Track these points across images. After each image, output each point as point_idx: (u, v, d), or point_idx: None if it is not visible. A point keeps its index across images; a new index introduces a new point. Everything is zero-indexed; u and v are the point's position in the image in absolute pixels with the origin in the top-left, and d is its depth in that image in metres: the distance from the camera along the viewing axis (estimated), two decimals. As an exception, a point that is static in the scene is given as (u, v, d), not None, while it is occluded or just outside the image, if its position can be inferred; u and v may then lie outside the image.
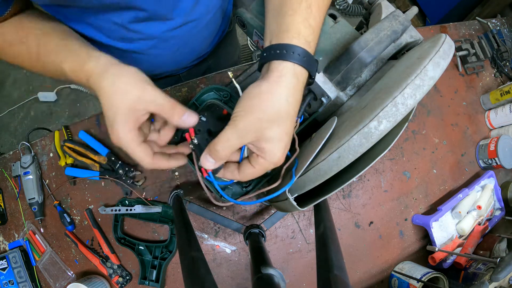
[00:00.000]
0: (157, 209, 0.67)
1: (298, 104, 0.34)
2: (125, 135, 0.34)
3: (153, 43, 0.60)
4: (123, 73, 0.34)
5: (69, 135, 0.70)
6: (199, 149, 0.39)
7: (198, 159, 0.38)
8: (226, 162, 0.37)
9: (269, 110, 0.32)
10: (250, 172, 0.35)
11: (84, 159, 0.67)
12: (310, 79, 0.35)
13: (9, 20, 0.43)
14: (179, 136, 0.47)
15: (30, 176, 0.68)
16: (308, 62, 0.33)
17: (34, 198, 0.68)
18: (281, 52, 0.32)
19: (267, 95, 0.32)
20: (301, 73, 0.33)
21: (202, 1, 0.57)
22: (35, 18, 0.44)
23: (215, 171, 0.37)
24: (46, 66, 0.40)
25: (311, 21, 0.35)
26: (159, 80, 0.82)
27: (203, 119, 0.42)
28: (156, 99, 0.34)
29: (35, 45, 0.40)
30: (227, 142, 0.33)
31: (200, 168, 0.38)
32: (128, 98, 0.33)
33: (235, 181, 0.41)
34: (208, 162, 0.35)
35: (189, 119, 0.36)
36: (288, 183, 0.36)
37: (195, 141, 0.39)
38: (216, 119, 0.43)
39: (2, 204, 0.72)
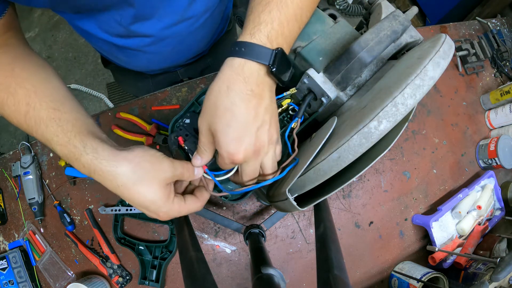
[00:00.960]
0: None
1: (247, 95, 0.34)
2: (174, 208, 0.36)
3: (150, 41, 0.60)
4: (136, 164, 0.33)
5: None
6: (191, 152, 0.42)
7: None
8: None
9: (209, 103, 0.35)
10: (220, 162, 0.37)
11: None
12: (273, 68, 0.35)
13: (1, 56, 0.39)
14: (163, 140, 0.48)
15: (30, 176, 0.68)
16: (252, 53, 0.34)
17: (34, 198, 0.68)
18: (230, 49, 0.35)
19: (209, 91, 0.35)
20: (240, 64, 0.34)
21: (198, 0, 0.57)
22: (30, 67, 0.39)
23: (210, 167, 0.41)
24: (33, 133, 0.37)
25: (266, 15, 0.35)
26: (157, 76, 0.82)
27: (187, 121, 0.44)
28: (176, 171, 0.36)
29: (24, 103, 0.36)
30: (200, 141, 0.37)
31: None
32: (156, 183, 0.34)
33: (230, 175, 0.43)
34: (196, 160, 0.39)
35: (199, 172, 0.39)
36: (277, 176, 0.38)
37: (186, 147, 0.43)
38: None
39: (2, 204, 0.72)
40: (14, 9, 0.43)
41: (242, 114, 0.34)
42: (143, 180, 0.33)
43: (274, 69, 0.34)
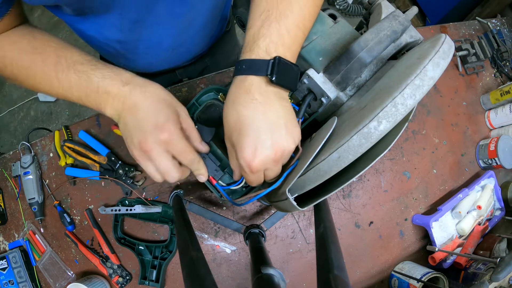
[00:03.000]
0: (157, 209, 0.67)
1: (251, 103, 0.35)
2: (157, 146, 0.36)
3: (148, 44, 0.60)
4: (165, 93, 0.39)
5: (69, 135, 0.70)
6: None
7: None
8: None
9: (225, 123, 0.37)
10: (243, 174, 0.39)
11: (84, 159, 0.68)
12: (272, 77, 0.35)
13: (18, 32, 0.41)
14: None
15: (30, 176, 0.68)
16: (251, 67, 0.36)
17: (34, 198, 0.68)
18: (237, 68, 0.37)
19: (223, 112, 0.38)
20: (241, 80, 0.36)
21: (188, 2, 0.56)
22: (44, 33, 0.42)
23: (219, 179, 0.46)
24: (65, 77, 0.38)
25: (265, 30, 0.36)
26: (155, 77, 0.82)
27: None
28: (190, 120, 0.40)
29: (54, 56, 0.39)
30: (230, 162, 0.41)
31: (208, 177, 0.45)
32: (167, 111, 0.37)
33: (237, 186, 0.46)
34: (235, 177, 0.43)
35: (204, 147, 0.43)
36: (281, 178, 0.39)
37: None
38: (215, 120, 0.44)
39: (2, 204, 0.72)
40: (21, 8, 0.43)
41: (251, 122, 0.35)
42: (158, 104, 0.37)
43: (274, 78, 0.35)
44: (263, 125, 0.35)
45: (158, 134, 0.35)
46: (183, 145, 0.37)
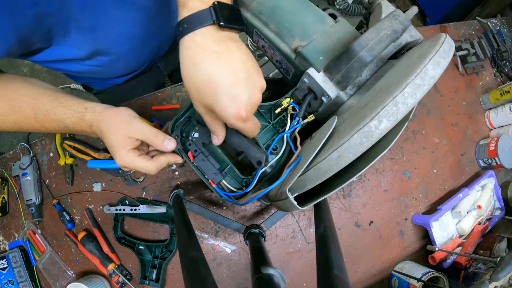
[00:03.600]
0: (162, 209, 0.67)
1: (214, 58, 0.34)
2: (125, 157, 0.42)
3: (115, 46, 0.60)
4: (115, 114, 0.43)
5: (71, 135, 0.70)
6: (202, 168, 0.45)
7: (202, 174, 0.45)
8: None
9: (191, 89, 0.35)
10: (237, 128, 0.38)
11: (84, 156, 0.68)
12: (221, 22, 0.34)
13: None
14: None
15: (28, 178, 0.68)
16: (194, 22, 0.34)
17: (32, 199, 0.68)
18: (176, 35, 0.36)
19: (183, 79, 0.36)
20: (190, 39, 0.34)
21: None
22: (17, 85, 0.46)
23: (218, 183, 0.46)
24: (45, 125, 0.45)
25: None
26: (142, 79, 0.81)
27: (196, 135, 0.45)
28: (142, 131, 0.42)
29: (30, 110, 0.44)
30: (206, 122, 0.39)
31: (208, 180, 0.45)
32: (120, 133, 0.42)
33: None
34: (214, 139, 0.42)
35: (169, 145, 0.43)
36: (282, 176, 0.38)
37: (195, 164, 0.45)
38: None
39: (5, 196, 0.71)
40: None
41: (221, 76, 0.33)
42: (112, 128, 0.42)
43: (223, 22, 0.34)
44: (234, 75, 0.34)
45: (118, 162, 0.43)
46: (132, 165, 0.43)
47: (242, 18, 0.37)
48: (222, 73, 0.33)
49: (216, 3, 0.34)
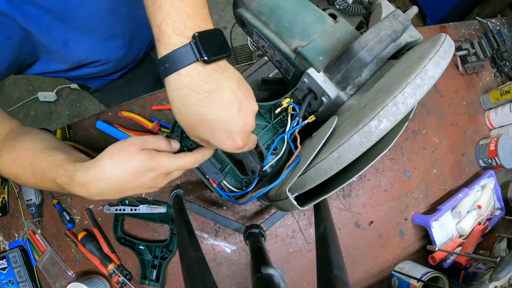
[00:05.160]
0: (162, 209, 0.67)
1: (205, 99, 0.32)
2: (159, 161, 0.38)
3: (95, 32, 0.60)
4: (111, 152, 0.37)
5: (71, 135, 0.70)
6: (202, 168, 0.46)
7: (203, 173, 0.46)
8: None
9: (185, 126, 0.35)
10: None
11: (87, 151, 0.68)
12: (205, 57, 0.31)
13: (3, 147, 0.45)
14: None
15: (29, 177, 0.68)
16: (177, 62, 0.31)
17: (32, 199, 0.67)
18: (159, 72, 0.33)
19: (175, 116, 0.35)
20: (175, 79, 0.32)
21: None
22: (25, 137, 0.45)
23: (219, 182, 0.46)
24: (44, 184, 0.42)
25: (160, 14, 0.32)
26: (138, 72, 0.81)
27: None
28: (142, 139, 0.38)
29: (29, 165, 0.42)
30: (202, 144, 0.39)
31: (208, 179, 0.46)
32: (136, 153, 0.37)
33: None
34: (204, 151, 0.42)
35: (175, 145, 0.41)
36: (282, 176, 0.38)
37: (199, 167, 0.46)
38: None
39: (5, 196, 0.71)
40: None
41: (215, 114, 0.33)
42: (119, 161, 0.36)
43: (207, 58, 0.31)
44: (227, 110, 0.33)
45: (154, 179, 0.38)
46: (169, 166, 0.38)
47: (226, 42, 0.35)
48: (215, 111, 0.33)
49: (196, 35, 0.31)
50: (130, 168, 0.36)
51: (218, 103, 0.33)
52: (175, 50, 0.31)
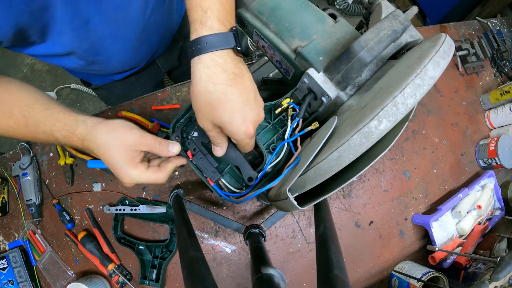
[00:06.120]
0: (161, 209, 0.67)
1: (232, 80, 0.36)
2: (133, 173, 0.41)
3: (110, 37, 0.60)
4: (111, 129, 0.41)
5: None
6: (200, 167, 0.45)
7: (201, 172, 0.46)
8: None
9: (202, 105, 0.37)
10: (239, 146, 0.41)
11: (84, 156, 0.68)
12: (238, 47, 0.37)
13: None
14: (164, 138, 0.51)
15: (28, 178, 0.68)
16: (215, 43, 0.35)
17: (32, 199, 0.68)
18: (190, 51, 0.36)
19: (195, 94, 0.37)
20: (210, 58, 0.35)
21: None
22: (12, 89, 0.44)
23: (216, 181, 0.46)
24: (36, 135, 0.43)
25: (207, 1, 0.37)
26: (141, 76, 0.81)
27: (195, 134, 0.45)
28: (145, 140, 0.41)
29: (21, 118, 0.42)
30: (210, 136, 0.40)
31: (206, 178, 0.46)
32: (122, 148, 0.40)
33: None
34: (217, 151, 0.42)
35: (174, 148, 0.43)
36: (281, 175, 0.39)
37: (194, 162, 0.46)
38: None
39: (5, 196, 0.71)
40: None
41: (238, 97, 0.36)
42: (112, 143, 0.40)
43: (239, 48, 0.37)
44: (246, 95, 0.37)
45: (120, 176, 0.41)
46: (143, 180, 0.42)
47: (244, 43, 0.41)
48: (238, 93, 0.36)
49: (234, 28, 0.37)
50: (108, 157, 0.40)
51: (241, 87, 0.36)
52: (217, 33, 0.35)
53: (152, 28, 0.66)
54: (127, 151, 0.40)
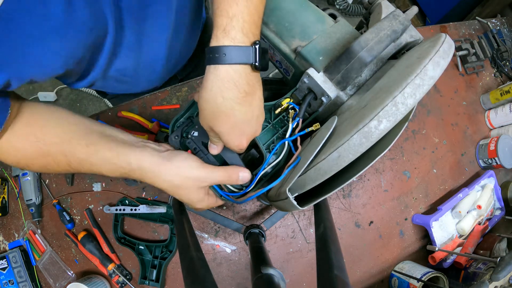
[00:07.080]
0: (161, 209, 0.66)
1: (242, 98, 0.35)
2: (206, 202, 0.44)
3: (144, 62, 0.58)
4: (176, 174, 0.41)
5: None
6: None
7: None
8: None
9: (207, 112, 0.37)
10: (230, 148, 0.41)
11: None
12: (257, 63, 0.35)
13: (18, 133, 0.39)
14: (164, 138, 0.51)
15: (28, 178, 0.68)
16: (234, 56, 0.34)
17: (32, 199, 0.67)
18: (208, 57, 0.35)
19: (203, 100, 0.36)
20: (225, 71, 0.34)
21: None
22: (42, 119, 0.40)
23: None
24: (82, 171, 0.41)
25: (235, 8, 0.34)
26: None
27: (195, 134, 0.45)
28: (214, 179, 0.42)
29: (61, 156, 0.39)
30: (209, 135, 0.41)
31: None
32: (193, 189, 0.42)
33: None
34: (212, 149, 0.43)
35: (244, 177, 0.43)
36: (282, 175, 0.39)
37: None
38: None
39: (5, 196, 0.71)
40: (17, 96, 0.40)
41: (242, 115, 0.36)
42: (180, 187, 0.41)
43: (258, 65, 0.35)
44: (251, 114, 0.37)
45: (195, 208, 0.45)
46: (213, 205, 0.46)
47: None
48: (244, 112, 0.36)
49: (258, 42, 0.35)
50: (180, 196, 0.43)
51: (248, 106, 0.36)
52: (238, 46, 0.34)
53: (181, 46, 0.65)
54: (197, 190, 0.42)
